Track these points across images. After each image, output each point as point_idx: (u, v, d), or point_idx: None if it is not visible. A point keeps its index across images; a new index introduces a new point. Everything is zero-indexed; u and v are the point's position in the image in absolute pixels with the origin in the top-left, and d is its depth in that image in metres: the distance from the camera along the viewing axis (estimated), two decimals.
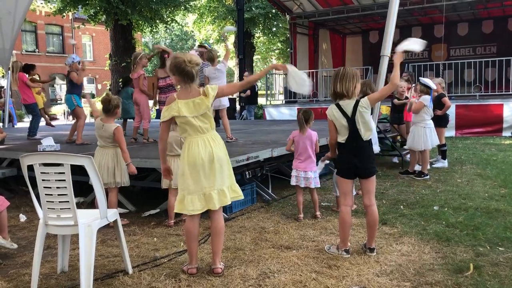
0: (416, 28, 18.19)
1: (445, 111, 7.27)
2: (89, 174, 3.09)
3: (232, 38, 23.19)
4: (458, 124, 11.98)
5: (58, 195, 3.01)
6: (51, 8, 19.20)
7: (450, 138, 11.06)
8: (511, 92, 12.73)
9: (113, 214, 3.31)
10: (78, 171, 3.50)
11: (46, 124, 10.37)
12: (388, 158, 8.41)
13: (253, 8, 20.42)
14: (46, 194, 3.02)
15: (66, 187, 2.97)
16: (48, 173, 2.98)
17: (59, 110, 22.63)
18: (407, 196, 5.59)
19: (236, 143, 6.50)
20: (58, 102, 31.09)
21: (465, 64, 13.48)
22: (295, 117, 11.76)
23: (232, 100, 14.86)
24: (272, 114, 15.46)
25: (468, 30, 17.50)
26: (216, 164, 3.20)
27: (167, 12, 19.02)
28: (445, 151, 7.53)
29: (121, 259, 3.52)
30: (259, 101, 22.01)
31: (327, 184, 6.43)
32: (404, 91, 7.85)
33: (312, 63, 17.90)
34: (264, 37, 24.78)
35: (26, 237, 4.42)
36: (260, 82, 46.93)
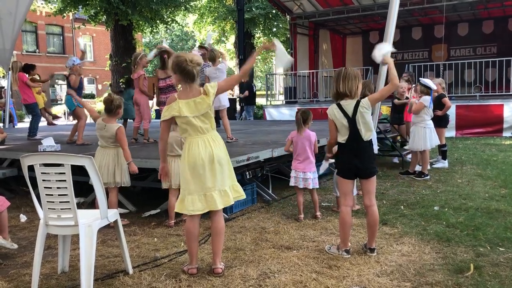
0: (416, 28, 18.14)
1: (445, 111, 7.27)
2: (89, 174, 3.09)
3: (232, 38, 23.21)
4: (459, 125, 11.98)
5: (59, 195, 3.01)
6: (51, 9, 19.22)
7: (450, 138, 11.06)
8: (511, 93, 12.73)
9: (113, 214, 3.32)
10: (78, 171, 3.51)
11: (47, 123, 10.35)
12: (389, 158, 8.41)
13: (253, 9, 20.43)
14: (46, 194, 3.03)
15: (66, 187, 2.97)
16: (48, 173, 2.99)
17: (60, 110, 22.60)
18: (408, 196, 5.59)
19: (236, 143, 6.50)
20: (58, 102, 31.08)
21: (465, 65, 13.47)
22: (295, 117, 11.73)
23: (232, 101, 14.86)
24: (272, 114, 15.47)
25: (468, 30, 17.49)
26: (216, 164, 3.20)
27: (168, 13, 19.02)
28: (445, 152, 7.53)
29: (121, 259, 3.52)
30: (260, 101, 22.02)
31: (327, 185, 6.43)
32: (404, 91, 7.84)
33: (312, 63, 17.90)
34: (265, 37, 24.77)
35: (27, 237, 4.42)
36: (261, 82, 47.10)
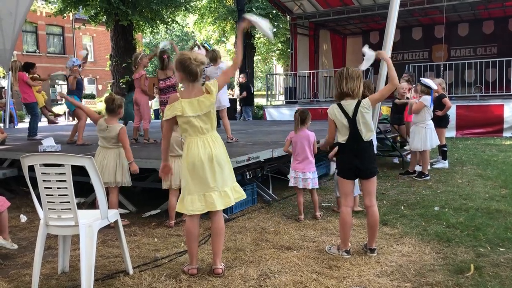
0: (416, 28, 18.13)
1: (445, 111, 7.27)
2: (89, 175, 3.09)
3: (232, 39, 23.19)
4: (459, 125, 11.97)
5: (59, 195, 3.01)
6: (51, 9, 19.22)
7: (450, 138, 11.06)
8: (511, 93, 12.72)
9: (113, 215, 3.32)
10: (78, 172, 3.51)
11: (48, 121, 10.32)
12: (389, 158, 8.41)
13: (253, 9, 20.41)
14: (46, 195, 3.03)
15: (66, 188, 2.97)
16: (48, 173, 2.99)
17: (60, 110, 22.60)
18: (408, 196, 5.59)
19: (236, 143, 6.51)
20: (58, 102, 31.06)
21: (465, 65, 13.48)
22: None
23: (232, 101, 14.88)
24: (272, 114, 15.47)
25: (468, 30, 17.49)
26: (215, 165, 3.20)
27: (168, 13, 19.02)
28: (445, 152, 7.53)
29: (121, 260, 3.52)
30: (260, 101, 21.99)
31: (328, 185, 6.43)
32: (405, 92, 7.84)
33: (312, 63, 17.90)
34: (265, 37, 24.76)
35: (27, 237, 4.42)
36: (261, 82, 47.10)
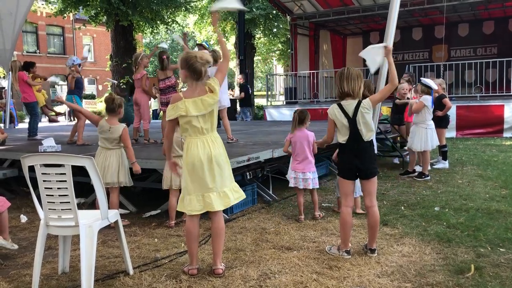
0: (416, 29, 18.11)
1: (445, 112, 7.27)
2: (90, 175, 3.09)
3: (232, 39, 23.18)
4: (459, 125, 11.97)
5: (59, 195, 3.01)
6: (52, 9, 19.22)
7: (451, 139, 11.06)
8: (511, 93, 12.73)
9: (114, 215, 3.32)
10: (79, 172, 3.51)
11: (49, 120, 10.32)
12: (389, 159, 8.41)
13: (253, 9, 20.40)
14: (47, 195, 3.03)
15: (67, 188, 2.97)
16: (49, 174, 2.99)
17: (61, 109, 22.59)
18: (408, 197, 5.59)
19: (236, 144, 6.51)
20: (58, 102, 31.07)
21: (465, 65, 13.47)
22: None
23: (232, 101, 14.88)
24: (272, 114, 15.48)
25: (468, 31, 17.49)
26: (214, 165, 3.20)
27: (168, 13, 19.01)
28: (445, 152, 7.52)
29: (122, 260, 3.52)
30: (260, 102, 21.97)
31: (328, 185, 6.43)
32: (405, 93, 7.83)
33: (312, 64, 17.90)
34: (265, 38, 24.74)
35: (27, 237, 4.42)
36: (261, 83, 47.08)
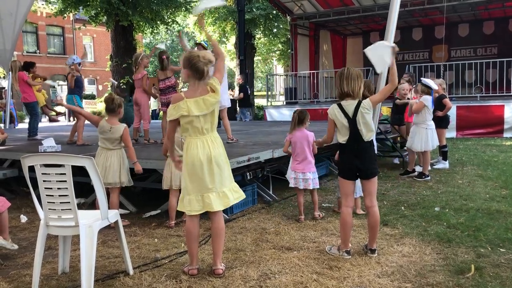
0: (416, 29, 18.14)
1: (446, 112, 7.26)
2: (90, 175, 3.09)
3: (233, 39, 23.18)
4: (459, 125, 11.97)
5: (59, 196, 3.01)
6: (52, 9, 19.21)
7: (451, 139, 11.05)
8: None
9: (114, 215, 3.32)
10: (79, 172, 3.51)
11: (49, 119, 10.33)
12: (389, 159, 8.41)
13: (253, 9, 20.40)
14: (47, 195, 3.03)
15: (67, 188, 2.97)
16: (49, 174, 2.99)
17: (61, 109, 22.60)
18: (408, 197, 5.58)
19: (236, 144, 6.50)
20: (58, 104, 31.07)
21: (466, 65, 13.46)
22: None
23: (232, 101, 14.87)
24: (273, 115, 15.48)
25: (469, 31, 17.49)
26: (214, 165, 3.20)
27: (168, 13, 19.01)
28: (446, 152, 7.52)
29: (122, 260, 3.52)
30: (260, 102, 21.97)
31: (328, 185, 6.43)
32: (406, 93, 7.83)
33: (312, 64, 17.91)
34: (265, 38, 24.74)
35: (27, 238, 4.42)
36: (261, 83, 47.09)
